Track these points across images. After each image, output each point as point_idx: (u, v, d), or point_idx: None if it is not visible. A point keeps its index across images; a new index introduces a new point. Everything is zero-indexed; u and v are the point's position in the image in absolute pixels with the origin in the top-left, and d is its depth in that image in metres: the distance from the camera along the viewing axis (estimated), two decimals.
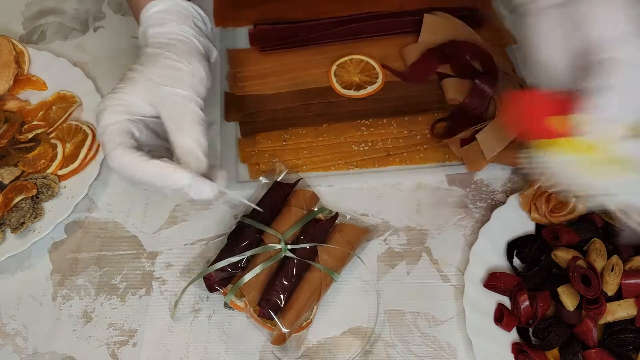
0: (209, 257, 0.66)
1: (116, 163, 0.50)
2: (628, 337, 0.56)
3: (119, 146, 0.50)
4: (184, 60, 0.55)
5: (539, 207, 0.65)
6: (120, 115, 0.52)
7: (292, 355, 0.60)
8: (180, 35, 0.57)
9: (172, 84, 0.53)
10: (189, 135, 0.52)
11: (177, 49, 0.56)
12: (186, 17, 0.59)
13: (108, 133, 0.51)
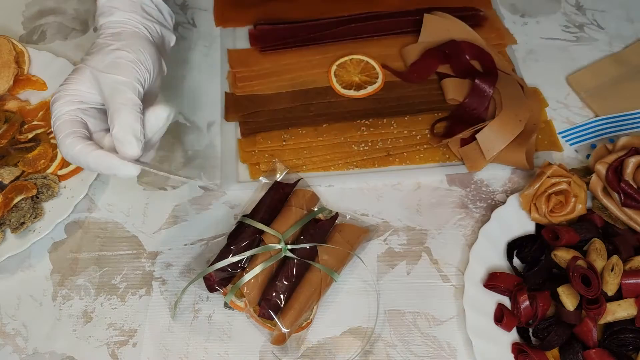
0: (209, 257, 0.66)
1: (67, 151, 0.53)
2: (628, 337, 0.56)
3: (69, 135, 0.53)
4: (127, 48, 0.57)
5: (539, 207, 0.65)
6: (71, 105, 0.55)
7: (292, 355, 0.60)
8: (125, 24, 0.59)
9: (112, 71, 0.55)
10: (122, 121, 0.53)
11: (122, 37, 0.58)
12: (133, 4, 0.60)
13: (60, 123, 0.54)
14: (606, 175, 0.63)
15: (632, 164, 0.62)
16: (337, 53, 0.81)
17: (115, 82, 0.55)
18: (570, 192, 0.64)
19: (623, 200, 0.62)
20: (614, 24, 0.85)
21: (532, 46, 0.83)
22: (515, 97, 0.73)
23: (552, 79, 0.80)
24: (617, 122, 0.74)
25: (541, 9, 0.87)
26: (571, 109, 0.77)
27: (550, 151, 0.73)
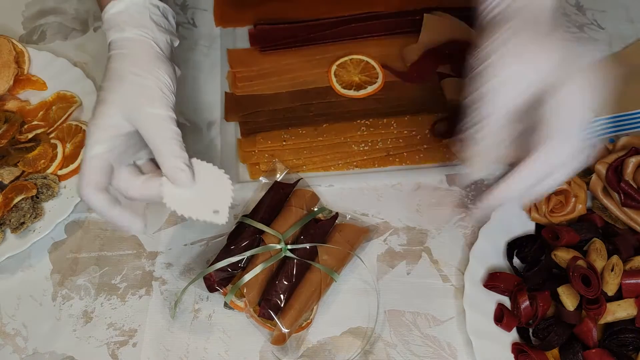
0: (209, 257, 0.66)
1: (85, 199, 0.54)
2: (628, 337, 0.56)
3: (89, 185, 0.53)
4: (149, 75, 0.55)
5: (539, 207, 0.65)
6: (103, 144, 0.54)
7: (292, 355, 0.60)
8: (138, 42, 0.57)
9: (143, 104, 0.54)
10: (170, 155, 0.53)
11: (140, 61, 0.56)
12: (142, 16, 0.58)
13: (86, 167, 0.54)
14: (606, 175, 0.63)
15: (632, 164, 0.62)
16: (337, 53, 0.80)
17: (149, 115, 0.54)
18: (570, 192, 0.64)
19: (623, 200, 0.62)
20: (614, 24, 0.85)
21: None
22: None
23: None
24: (617, 122, 0.74)
25: None
26: None
27: None
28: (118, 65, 0.56)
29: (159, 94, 0.55)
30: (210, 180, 0.55)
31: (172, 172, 0.53)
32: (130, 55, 0.56)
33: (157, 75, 0.55)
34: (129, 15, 0.58)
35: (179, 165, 0.53)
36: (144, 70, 0.55)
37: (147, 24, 0.58)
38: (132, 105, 0.54)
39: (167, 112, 0.54)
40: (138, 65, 0.56)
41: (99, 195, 0.54)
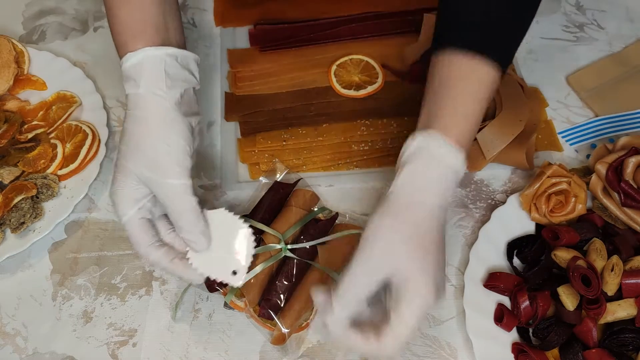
0: None
1: (147, 260, 0.57)
2: (628, 337, 0.56)
3: (141, 245, 0.56)
4: (162, 143, 0.54)
5: (539, 207, 0.65)
6: (131, 209, 0.55)
7: (292, 355, 0.60)
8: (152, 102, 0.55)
9: (157, 175, 0.54)
10: (185, 228, 0.55)
11: (153, 126, 0.55)
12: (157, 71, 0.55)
13: (129, 233, 0.56)
14: (606, 175, 0.63)
15: (632, 164, 0.62)
16: (337, 53, 0.81)
17: (165, 187, 0.54)
18: (570, 192, 0.64)
19: (623, 200, 0.62)
20: (614, 24, 0.85)
21: (532, 46, 0.83)
22: (515, 97, 0.73)
23: (552, 79, 0.80)
24: (617, 122, 0.74)
25: (541, 9, 0.86)
26: (571, 109, 0.77)
27: (550, 151, 0.73)
28: (133, 128, 0.55)
29: (171, 163, 0.54)
30: (229, 230, 0.58)
31: (189, 242, 0.56)
32: (143, 120, 0.55)
33: (169, 143, 0.54)
34: (144, 69, 0.55)
35: (194, 237, 0.55)
36: (157, 137, 0.54)
37: (161, 80, 0.55)
38: (147, 175, 0.54)
39: (181, 181, 0.54)
40: (151, 132, 0.54)
41: (154, 252, 0.56)
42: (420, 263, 0.49)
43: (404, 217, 0.51)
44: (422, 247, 0.50)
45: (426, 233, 0.51)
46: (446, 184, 0.52)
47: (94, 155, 0.72)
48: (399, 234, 0.50)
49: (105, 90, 0.80)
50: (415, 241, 0.50)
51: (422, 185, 0.51)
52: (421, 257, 0.50)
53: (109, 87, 0.81)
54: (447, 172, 0.52)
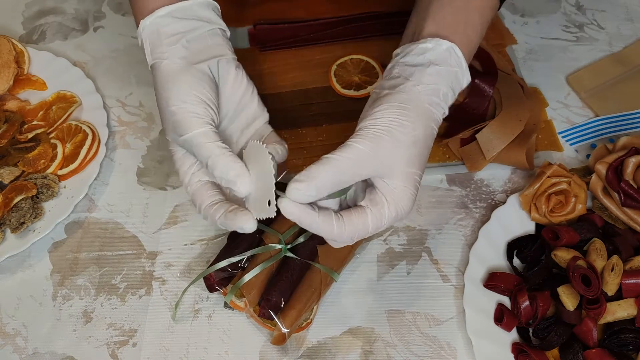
0: (209, 257, 0.66)
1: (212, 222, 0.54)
2: (628, 337, 0.56)
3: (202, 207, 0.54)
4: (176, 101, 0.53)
5: (539, 207, 0.65)
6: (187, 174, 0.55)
7: (292, 355, 0.60)
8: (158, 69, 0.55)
9: (180, 131, 0.53)
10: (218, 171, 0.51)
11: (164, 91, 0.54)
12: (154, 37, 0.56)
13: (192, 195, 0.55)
14: (606, 175, 0.63)
15: (632, 164, 0.62)
16: (337, 53, 0.81)
17: (188, 141, 0.53)
18: (570, 192, 0.64)
19: (623, 200, 0.62)
20: (614, 23, 0.85)
21: (532, 46, 0.83)
22: (515, 97, 0.73)
23: (552, 79, 0.80)
24: (617, 122, 0.74)
25: (541, 8, 0.87)
26: (571, 109, 0.77)
27: (550, 151, 0.73)
28: (157, 100, 0.56)
29: (184, 117, 0.53)
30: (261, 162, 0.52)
31: (230, 187, 0.52)
32: (157, 87, 0.55)
33: (178, 98, 0.53)
34: (145, 42, 0.57)
35: (231, 180, 0.51)
36: (168, 99, 0.54)
37: (158, 44, 0.56)
38: (178, 140, 0.54)
39: (200, 129, 0.52)
40: (164, 96, 0.54)
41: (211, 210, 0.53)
42: (413, 173, 0.50)
43: (421, 120, 0.51)
44: (421, 157, 0.51)
45: (428, 145, 0.52)
46: (453, 96, 0.54)
47: (94, 155, 0.72)
48: (407, 136, 0.50)
49: (105, 90, 0.80)
50: (419, 148, 0.51)
51: (443, 93, 0.53)
52: (417, 167, 0.51)
53: (109, 87, 0.81)
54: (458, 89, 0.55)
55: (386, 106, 0.51)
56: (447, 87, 0.53)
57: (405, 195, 0.50)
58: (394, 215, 0.50)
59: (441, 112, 0.53)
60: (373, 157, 0.49)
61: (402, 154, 0.50)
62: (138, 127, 0.77)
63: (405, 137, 0.50)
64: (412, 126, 0.50)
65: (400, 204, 0.50)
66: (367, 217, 0.49)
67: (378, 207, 0.50)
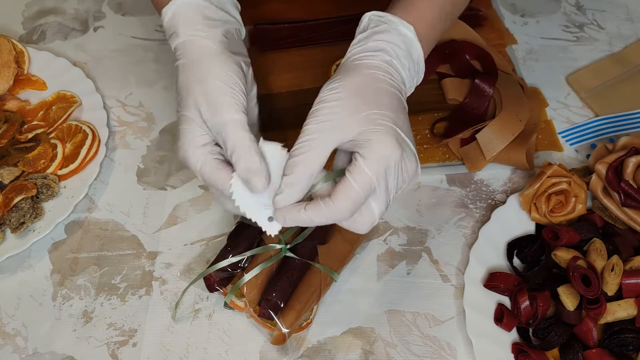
0: (209, 257, 0.66)
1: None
2: (628, 337, 0.56)
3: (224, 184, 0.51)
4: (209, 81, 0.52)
5: (539, 207, 0.65)
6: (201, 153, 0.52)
7: (292, 355, 0.60)
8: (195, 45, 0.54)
9: (209, 114, 0.51)
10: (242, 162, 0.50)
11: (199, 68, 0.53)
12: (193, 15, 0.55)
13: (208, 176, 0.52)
14: (606, 175, 0.63)
15: (632, 164, 0.62)
16: (337, 53, 0.80)
17: (217, 125, 0.51)
18: (570, 192, 0.64)
19: (623, 200, 0.62)
20: (614, 24, 0.85)
21: (532, 46, 0.83)
22: (515, 97, 0.73)
23: (552, 79, 0.80)
24: (617, 122, 0.74)
25: (541, 8, 0.87)
26: (571, 109, 0.77)
27: (550, 151, 0.73)
28: (183, 77, 0.54)
29: (224, 98, 0.51)
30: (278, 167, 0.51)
31: (246, 181, 0.50)
32: (189, 65, 0.54)
33: (218, 77, 0.52)
34: (181, 17, 0.55)
35: (250, 175, 0.50)
36: (205, 76, 0.53)
37: (199, 22, 0.54)
38: (205, 117, 0.52)
39: (232, 116, 0.51)
40: (199, 73, 0.53)
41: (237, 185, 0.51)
42: (367, 116, 0.49)
43: (352, 75, 0.51)
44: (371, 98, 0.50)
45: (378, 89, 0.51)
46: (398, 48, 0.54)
47: (94, 155, 0.72)
48: (341, 93, 0.50)
49: (105, 90, 0.80)
50: (363, 94, 0.50)
51: (371, 47, 0.53)
52: (369, 108, 0.49)
53: (109, 87, 0.81)
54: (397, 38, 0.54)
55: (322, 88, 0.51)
56: (374, 41, 0.53)
57: (374, 138, 0.48)
58: (373, 162, 0.47)
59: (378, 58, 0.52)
60: (323, 132, 0.48)
61: (342, 109, 0.49)
62: (138, 127, 0.77)
63: (338, 95, 0.49)
64: (342, 83, 0.50)
65: (373, 148, 0.48)
66: (348, 180, 0.48)
67: (355, 166, 0.48)
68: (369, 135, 0.48)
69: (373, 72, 0.52)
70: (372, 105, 0.50)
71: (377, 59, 0.53)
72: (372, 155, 0.48)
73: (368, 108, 0.49)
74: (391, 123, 0.49)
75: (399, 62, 0.54)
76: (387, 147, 0.48)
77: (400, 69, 0.54)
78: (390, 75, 0.53)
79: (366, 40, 0.54)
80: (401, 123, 0.51)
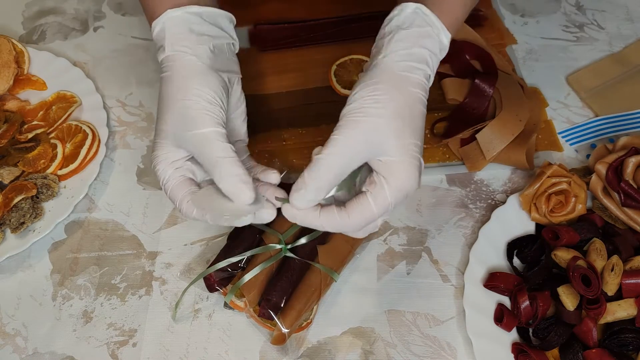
0: (209, 257, 0.66)
1: (187, 216, 0.53)
2: (628, 337, 0.56)
3: (182, 202, 0.52)
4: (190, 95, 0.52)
5: (539, 207, 0.65)
6: (170, 167, 0.53)
7: (292, 355, 0.60)
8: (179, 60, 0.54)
9: (186, 128, 0.51)
10: (223, 174, 0.50)
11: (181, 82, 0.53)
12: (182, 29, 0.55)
13: (170, 191, 0.53)
14: (606, 175, 0.63)
15: (632, 164, 0.62)
16: (337, 53, 0.80)
17: (194, 138, 0.51)
18: (570, 192, 0.64)
19: (623, 200, 0.62)
20: (614, 23, 0.85)
21: (532, 46, 0.83)
22: (515, 97, 0.73)
23: (552, 79, 0.80)
24: (617, 122, 0.74)
25: (541, 8, 0.87)
26: (571, 109, 0.77)
27: (550, 151, 0.73)
28: (164, 90, 0.54)
29: (200, 113, 0.51)
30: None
31: (229, 194, 0.50)
32: (172, 78, 0.54)
33: (197, 93, 0.52)
34: (168, 32, 0.54)
35: (232, 187, 0.50)
36: (185, 91, 0.52)
37: (185, 38, 0.54)
38: (178, 131, 0.52)
39: (211, 129, 0.51)
40: (179, 88, 0.53)
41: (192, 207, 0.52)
42: (406, 144, 0.49)
43: (397, 88, 0.50)
44: (411, 125, 0.49)
45: (416, 111, 0.50)
46: (435, 59, 0.52)
47: (94, 155, 0.72)
48: (385, 109, 0.49)
49: (105, 90, 0.80)
50: (405, 117, 0.49)
51: (417, 55, 0.51)
52: (409, 137, 0.49)
53: (109, 87, 0.81)
54: (437, 48, 0.52)
55: (359, 87, 0.50)
56: (420, 47, 0.52)
57: (403, 168, 0.48)
58: (396, 191, 0.48)
59: (422, 73, 0.51)
60: (356, 143, 0.48)
61: (386, 128, 0.49)
62: (138, 127, 0.77)
63: (383, 111, 0.49)
64: (388, 97, 0.49)
65: (401, 178, 0.48)
66: (367, 200, 0.48)
67: (377, 187, 0.48)
68: (399, 165, 0.49)
69: (416, 92, 0.51)
70: (411, 133, 0.50)
71: (421, 75, 0.51)
72: (397, 184, 0.49)
73: (408, 136, 0.49)
74: (419, 154, 0.50)
75: (433, 74, 0.53)
76: (411, 180, 0.49)
77: (431, 79, 0.53)
78: (426, 93, 0.52)
79: (412, 43, 0.52)
80: (422, 142, 0.51)
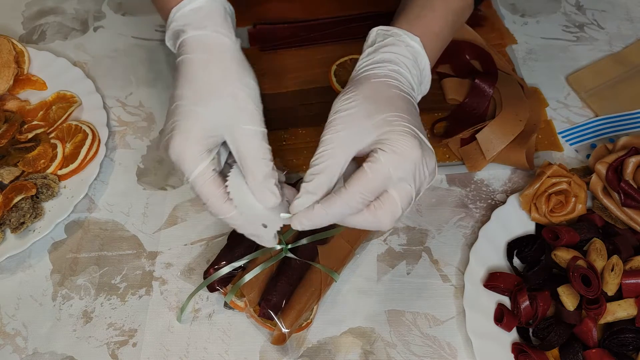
0: (209, 257, 0.66)
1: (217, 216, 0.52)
2: (628, 337, 0.56)
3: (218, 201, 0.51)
4: (240, 85, 0.50)
5: (539, 207, 0.65)
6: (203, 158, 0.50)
7: (292, 355, 0.60)
8: (224, 45, 0.52)
9: (238, 119, 0.50)
10: (260, 177, 0.50)
11: (228, 69, 0.51)
12: (223, 14, 0.53)
13: (200, 191, 0.50)
14: (606, 175, 0.63)
15: (632, 164, 0.62)
16: (337, 53, 0.80)
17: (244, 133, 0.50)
18: (570, 192, 0.64)
19: (623, 200, 0.62)
20: (614, 23, 0.85)
21: (532, 46, 0.83)
22: (515, 97, 0.73)
23: (552, 79, 0.80)
24: (617, 122, 0.74)
25: (541, 8, 0.87)
26: (571, 109, 0.77)
27: (550, 151, 0.73)
28: (201, 72, 0.50)
29: (251, 107, 0.50)
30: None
31: (260, 194, 0.50)
32: (216, 62, 0.51)
33: (247, 84, 0.51)
34: (210, 11, 0.51)
35: (269, 187, 0.50)
36: (236, 80, 0.51)
37: (228, 24, 0.52)
38: (226, 119, 0.50)
39: (260, 128, 0.50)
40: (228, 75, 0.51)
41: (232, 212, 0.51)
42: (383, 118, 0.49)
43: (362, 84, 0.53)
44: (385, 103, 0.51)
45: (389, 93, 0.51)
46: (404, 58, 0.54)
47: (94, 155, 0.72)
48: (355, 101, 0.51)
49: (105, 90, 0.80)
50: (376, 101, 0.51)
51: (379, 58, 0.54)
52: (384, 111, 0.50)
53: (109, 87, 0.81)
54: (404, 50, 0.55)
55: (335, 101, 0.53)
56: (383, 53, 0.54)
57: (393, 137, 0.48)
58: (393, 156, 0.48)
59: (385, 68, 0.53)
60: (342, 140, 0.50)
61: (361, 115, 0.50)
62: (138, 127, 0.77)
63: (353, 102, 0.51)
64: (355, 92, 0.51)
65: (396, 145, 0.48)
66: (363, 170, 0.48)
67: (372, 156, 0.48)
68: (388, 135, 0.49)
69: (384, 80, 0.53)
70: (388, 109, 0.50)
71: (385, 69, 0.53)
72: (392, 149, 0.48)
73: (385, 111, 0.50)
74: (408, 123, 0.50)
75: (408, 71, 0.54)
76: (408, 145, 0.48)
77: (410, 77, 0.54)
78: (400, 83, 0.53)
79: (374, 54, 0.55)
80: (417, 124, 0.51)
